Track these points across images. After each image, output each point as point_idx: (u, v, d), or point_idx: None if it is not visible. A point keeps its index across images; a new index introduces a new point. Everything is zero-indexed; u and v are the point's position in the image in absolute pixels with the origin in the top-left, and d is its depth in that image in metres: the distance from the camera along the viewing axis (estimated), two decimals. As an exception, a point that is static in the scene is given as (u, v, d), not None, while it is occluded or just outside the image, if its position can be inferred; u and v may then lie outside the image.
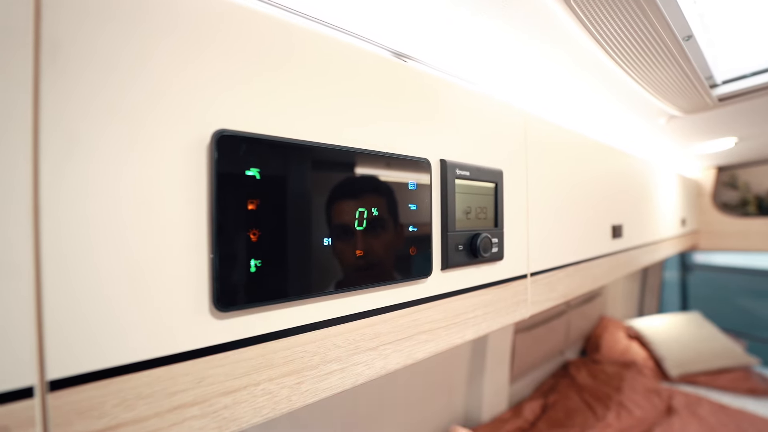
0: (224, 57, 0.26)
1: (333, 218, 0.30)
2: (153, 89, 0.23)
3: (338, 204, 0.31)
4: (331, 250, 0.30)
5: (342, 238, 0.31)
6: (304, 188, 0.29)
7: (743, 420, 1.39)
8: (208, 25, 0.25)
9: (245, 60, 0.27)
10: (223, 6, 0.26)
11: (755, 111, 0.95)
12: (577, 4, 0.39)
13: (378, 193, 0.34)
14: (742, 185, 1.98)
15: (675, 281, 3.12)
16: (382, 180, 0.34)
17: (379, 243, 0.34)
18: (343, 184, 0.31)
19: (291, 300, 0.28)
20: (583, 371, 1.79)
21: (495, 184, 0.49)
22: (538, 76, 0.66)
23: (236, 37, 0.26)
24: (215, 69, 0.25)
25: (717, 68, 0.68)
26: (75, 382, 0.20)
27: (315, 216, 0.29)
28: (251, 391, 0.26)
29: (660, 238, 1.28)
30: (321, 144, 0.30)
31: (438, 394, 1.24)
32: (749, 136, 1.26)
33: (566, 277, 0.67)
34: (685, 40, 0.51)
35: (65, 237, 0.20)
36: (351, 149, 0.32)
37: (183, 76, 0.24)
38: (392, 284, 0.36)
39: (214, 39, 0.25)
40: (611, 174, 0.88)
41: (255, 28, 0.27)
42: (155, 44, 0.23)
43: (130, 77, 0.22)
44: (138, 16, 0.22)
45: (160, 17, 0.23)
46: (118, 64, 0.22)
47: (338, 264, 0.31)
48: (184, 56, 0.24)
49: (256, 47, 0.27)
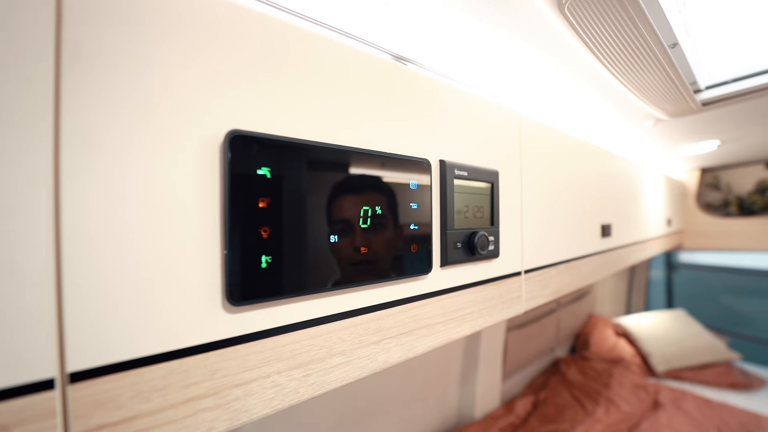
0: (239, 60, 0.26)
1: (339, 216, 0.32)
2: (168, 90, 0.23)
3: (344, 202, 0.32)
4: (338, 247, 0.31)
5: (348, 236, 0.32)
6: (312, 187, 0.30)
7: (726, 413, 1.44)
8: (226, 30, 0.26)
9: (262, 63, 0.27)
10: (237, 9, 0.26)
11: (736, 115, 0.99)
12: (571, 12, 0.41)
13: (382, 192, 0.35)
14: (724, 186, 2.05)
15: (661, 280, 3.21)
16: (386, 180, 0.36)
17: (383, 240, 0.35)
18: (349, 183, 0.33)
19: (299, 295, 0.29)
20: (573, 368, 1.82)
21: (491, 184, 0.50)
22: (532, 80, 0.68)
23: (252, 41, 0.27)
24: (229, 71, 0.26)
25: (701, 74, 0.71)
26: (94, 374, 0.21)
27: (322, 214, 0.30)
28: (261, 383, 0.27)
29: (647, 237, 1.32)
30: (328, 144, 0.31)
31: (432, 392, 1.26)
32: (731, 139, 1.31)
33: (558, 274, 0.70)
34: (671, 47, 0.54)
35: (85, 234, 0.21)
36: (355, 149, 0.33)
37: (196, 77, 0.25)
38: (394, 280, 0.37)
39: (230, 42, 0.26)
40: (601, 175, 0.91)
41: (271, 33, 0.28)
42: (171, 47, 0.23)
43: (143, 78, 0.23)
44: (156, 20, 0.23)
45: (178, 21, 0.24)
46: (136, 65, 0.22)
47: (344, 260, 0.32)
48: (199, 58, 0.25)
49: (276, 51, 0.28)
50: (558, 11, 0.42)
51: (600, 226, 0.89)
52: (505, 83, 0.70)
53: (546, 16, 0.45)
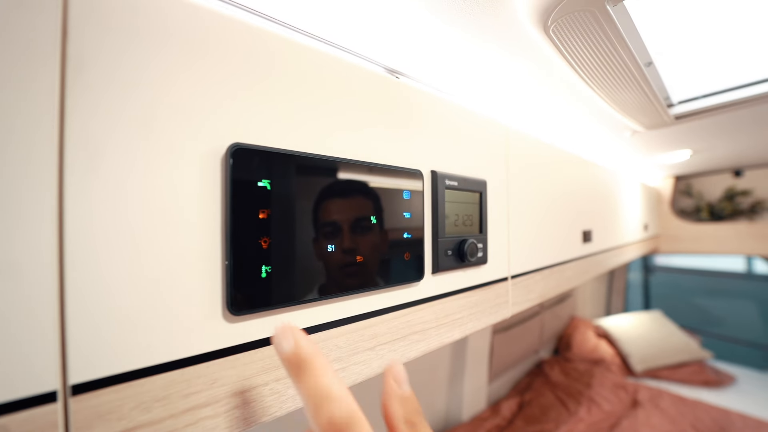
0: (237, 74, 0.27)
1: (336, 227, 0.32)
2: (170, 104, 0.24)
3: (340, 213, 0.33)
4: (335, 257, 0.32)
5: (344, 245, 0.33)
6: (310, 198, 0.30)
7: (699, 410, 1.51)
8: (225, 45, 0.26)
9: (264, 78, 0.28)
10: (235, 25, 0.27)
11: (706, 128, 1.05)
12: (555, 33, 0.44)
13: (377, 203, 0.36)
14: (696, 193, 2.16)
15: (639, 282, 3.33)
16: (380, 191, 0.37)
17: (378, 249, 0.36)
18: (344, 194, 0.34)
19: (298, 303, 0.30)
20: (557, 369, 1.87)
21: (480, 194, 0.52)
22: (519, 94, 0.71)
23: (253, 56, 0.28)
24: (229, 86, 0.27)
25: (673, 90, 0.76)
26: (96, 386, 0.21)
27: (320, 224, 0.31)
28: (260, 391, 0.28)
29: (625, 242, 1.37)
30: (326, 157, 0.32)
31: (420, 395, 1.27)
32: (702, 149, 1.39)
33: (542, 279, 0.72)
34: (646, 66, 0.57)
35: (87, 245, 0.21)
36: (352, 161, 0.34)
37: (197, 91, 0.25)
38: (389, 288, 0.38)
39: (228, 57, 0.27)
40: (582, 183, 0.95)
41: (272, 50, 0.29)
42: (173, 60, 0.24)
43: (141, 91, 0.23)
44: (157, 36, 0.23)
45: (180, 38, 0.24)
46: (138, 80, 0.23)
47: (341, 270, 0.33)
48: (198, 73, 0.25)
49: (279, 66, 0.29)
50: (543, 32, 0.44)
51: (581, 232, 0.93)
52: (494, 97, 0.73)
53: (531, 36, 0.47)
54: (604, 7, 0.39)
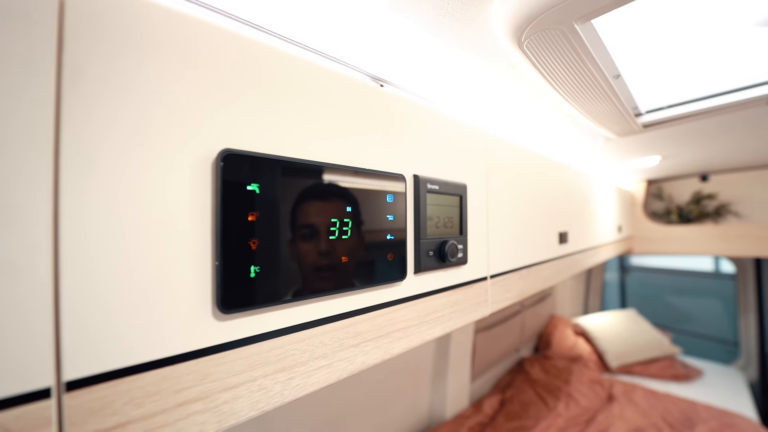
0: (228, 83, 0.28)
1: (322, 229, 0.34)
2: (161, 112, 0.25)
3: (327, 216, 0.34)
4: (321, 257, 0.34)
5: (330, 247, 0.35)
6: (297, 202, 0.32)
7: (668, 402, 1.59)
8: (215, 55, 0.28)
9: (253, 86, 0.30)
10: (225, 35, 0.29)
11: (674, 135, 1.12)
12: (528, 48, 0.47)
13: (361, 206, 0.38)
14: (666, 197, 2.27)
15: (615, 282, 3.47)
16: (364, 193, 0.39)
17: (362, 250, 0.38)
18: (330, 197, 0.35)
19: (285, 302, 0.31)
20: (537, 366, 1.93)
21: (460, 197, 0.55)
22: (498, 103, 0.74)
23: (242, 66, 0.29)
24: (220, 94, 0.28)
25: (641, 101, 0.81)
26: (89, 382, 0.22)
27: (307, 226, 0.33)
28: (248, 387, 0.29)
29: (600, 243, 1.44)
30: (314, 162, 0.34)
31: (404, 395, 1.29)
32: (670, 155, 1.47)
33: (520, 279, 0.76)
34: (615, 78, 0.61)
35: (82, 246, 0.22)
36: (337, 166, 0.36)
37: (188, 99, 0.26)
38: (372, 287, 0.40)
39: (219, 67, 0.28)
40: (558, 186, 0.99)
41: (260, 60, 0.30)
42: (164, 70, 0.25)
43: (134, 99, 0.24)
44: (149, 46, 0.25)
45: (174, 48, 0.25)
46: (131, 88, 0.24)
47: (327, 270, 0.34)
48: (191, 82, 0.26)
49: (266, 74, 0.30)
50: (518, 47, 0.48)
51: (558, 234, 0.97)
52: (474, 105, 0.76)
53: (507, 51, 0.50)
54: (573, 26, 0.42)
